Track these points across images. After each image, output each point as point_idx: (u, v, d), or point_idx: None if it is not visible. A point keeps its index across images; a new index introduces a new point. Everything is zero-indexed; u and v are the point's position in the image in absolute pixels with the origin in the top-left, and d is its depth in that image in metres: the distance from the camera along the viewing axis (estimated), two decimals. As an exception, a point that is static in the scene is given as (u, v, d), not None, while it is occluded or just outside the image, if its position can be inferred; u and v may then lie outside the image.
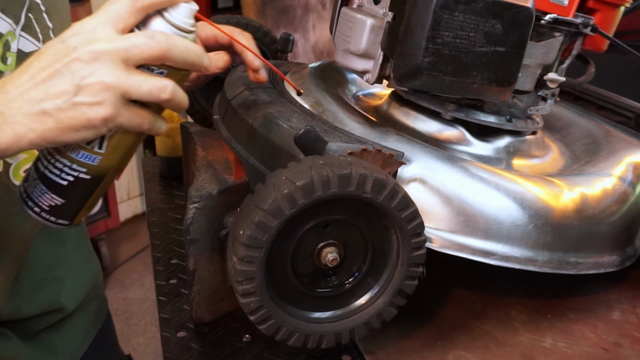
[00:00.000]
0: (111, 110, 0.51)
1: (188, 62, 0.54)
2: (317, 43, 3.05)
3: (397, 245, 0.71)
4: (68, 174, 0.57)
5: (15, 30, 0.67)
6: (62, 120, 0.50)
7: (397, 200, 0.67)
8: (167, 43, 0.52)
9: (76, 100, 0.50)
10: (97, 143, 0.56)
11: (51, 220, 0.60)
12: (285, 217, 0.63)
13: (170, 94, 0.53)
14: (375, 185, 0.65)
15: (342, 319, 0.73)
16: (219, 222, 0.84)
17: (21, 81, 0.50)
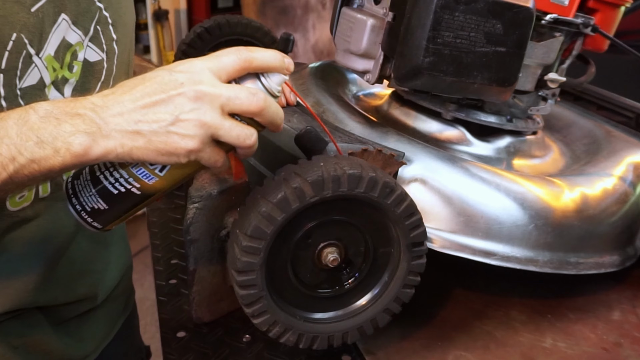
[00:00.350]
0: (198, 145, 0.55)
1: (273, 122, 0.60)
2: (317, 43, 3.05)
3: (397, 251, 0.70)
4: (122, 184, 0.60)
5: (84, 41, 0.71)
6: (152, 142, 0.55)
7: (404, 206, 0.67)
8: (265, 103, 0.57)
9: (171, 129, 0.55)
10: (160, 166, 0.60)
11: (88, 221, 0.62)
12: (292, 211, 0.63)
13: (253, 142, 0.59)
14: (383, 190, 0.65)
15: (336, 322, 0.72)
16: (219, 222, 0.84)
17: (123, 99, 0.55)
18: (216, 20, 1.15)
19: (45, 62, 0.66)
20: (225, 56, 0.57)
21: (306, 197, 0.62)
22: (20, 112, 0.54)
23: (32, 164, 0.53)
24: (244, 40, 1.18)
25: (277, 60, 0.59)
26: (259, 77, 0.60)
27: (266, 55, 0.59)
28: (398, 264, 0.71)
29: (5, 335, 0.76)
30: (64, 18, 0.67)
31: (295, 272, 0.70)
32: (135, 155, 0.55)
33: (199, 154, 0.56)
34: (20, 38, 0.62)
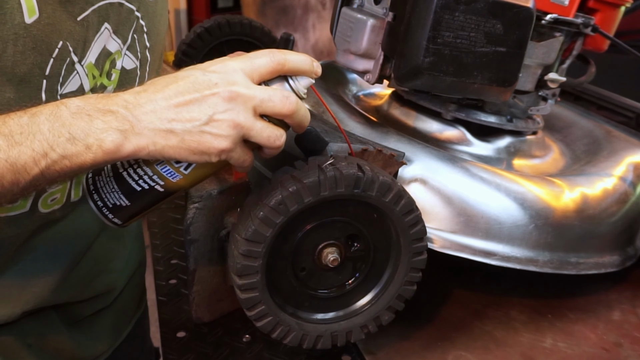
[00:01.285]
0: (230, 145, 0.56)
1: (301, 124, 0.61)
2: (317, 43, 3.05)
3: (398, 249, 0.70)
4: (146, 182, 0.60)
5: (122, 49, 0.73)
6: (185, 141, 0.55)
7: (402, 204, 0.67)
8: (296, 106, 0.59)
9: (205, 129, 0.55)
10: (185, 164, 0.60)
11: (108, 217, 0.63)
12: (290, 214, 0.63)
13: (282, 143, 0.60)
14: (381, 188, 0.65)
15: (339, 321, 0.72)
16: (219, 222, 0.84)
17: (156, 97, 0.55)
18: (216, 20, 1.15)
19: (86, 70, 0.67)
20: (258, 58, 0.58)
21: (304, 199, 0.62)
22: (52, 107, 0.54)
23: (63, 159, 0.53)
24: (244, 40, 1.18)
25: (307, 64, 0.61)
26: (287, 80, 0.61)
27: (298, 59, 0.60)
28: (399, 261, 0.71)
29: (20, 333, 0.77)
30: (106, 27, 0.68)
31: (295, 273, 0.70)
32: (168, 153, 0.55)
33: (230, 153, 0.57)
34: (65, 46, 0.63)
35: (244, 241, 0.63)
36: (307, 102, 0.94)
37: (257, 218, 0.62)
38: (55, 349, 0.82)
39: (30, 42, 0.60)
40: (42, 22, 0.60)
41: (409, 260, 0.70)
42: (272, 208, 0.62)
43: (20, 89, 0.61)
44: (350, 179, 0.63)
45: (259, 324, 0.68)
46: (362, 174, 0.64)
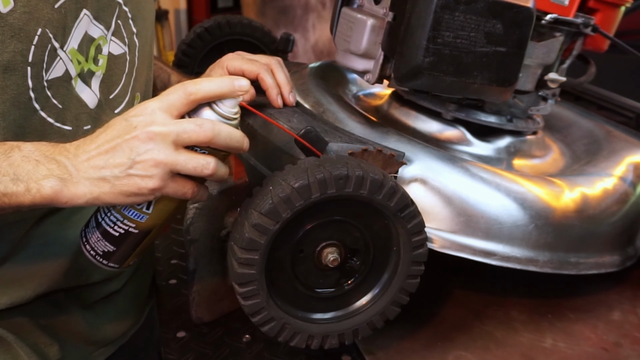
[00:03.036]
0: (159, 183, 0.60)
1: (230, 146, 0.63)
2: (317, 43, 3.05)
3: (398, 244, 0.70)
4: (120, 227, 0.65)
5: (106, 35, 0.75)
6: (116, 186, 0.60)
7: (396, 199, 0.66)
8: (213, 131, 0.60)
9: (131, 172, 0.59)
10: (146, 205, 0.64)
11: (104, 264, 0.68)
12: (283, 220, 0.63)
13: (212, 170, 0.62)
14: (373, 185, 0.65)
15: (345, 319, 0.72)
16: (219, 222, 0.84)
17: (90, 148, 0.60)
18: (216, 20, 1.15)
19: (69, 55, 0.70)
20: (172, 94, 0.61)
21: (295, 203, 0.62)
22: (6, 147, 0.60)
23: (3, 196, 0.59)
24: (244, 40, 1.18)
25: (224, 87, 0.62)
26: (210, 106, 0.62)
27: (211, 85, 0.62)
28: (400, 257, 0.71)
29: (33, 315, 0.79)
30: (85, 13, 0.71)
31: (296, 275, 0.70)
32: (104, 199, 0.60)
33: (164, 190, 0.61)
34: (45, 33, 0.66)
35: (240, 250, 0.63)
36: (306, 102, 0.94)
37: (250, 226, 0.62)
38: (70, 331, 0.83)
39: (9, 30, 0.62)
40: (17, 10, 0.62)
41: (410, 254, 0.70)
42: (264, 215, 0.62)
43: (7, 77, 0.64)
44: (340, 179, 0.63)
45: (264, 329, 0.68)
46: (351, 173, 0.63)
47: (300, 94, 0.96)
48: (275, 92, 0.85)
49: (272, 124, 0.80)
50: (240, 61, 0.87)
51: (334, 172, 0.63)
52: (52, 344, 0.79)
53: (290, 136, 0.73)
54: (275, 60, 0.88)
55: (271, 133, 0.80)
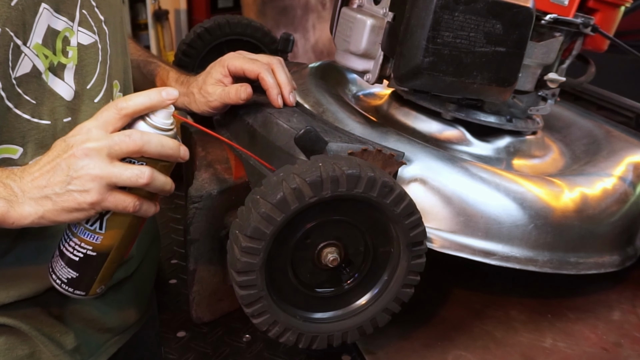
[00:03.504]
0: (97, 196, 0.63)
1: (163, 154, 0.65)
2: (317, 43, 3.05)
3: (397, 251, 0.70)
4: (79, 251, 0.68)
5: (72, 26, 0.75)
6: (58, 203, 0.63)
7: (403, 205, 0.66)
8: (141, 140, 0.63)
9: (69, 187, 0.63)
10: (98, 224, 0.67)
11: (69, 291, 0.70)
12: (291, 212, 0.63)
13: (147, 179, 0.64)
14: (382, 189, 0.65)
15: (336, 321, 0.72)
16: (219, 222, 0.84)
17: (33, 170, 0.64)
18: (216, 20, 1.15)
19: (34, 51, 0.70)
20: (105, 111, 0.65)
21: (305, 197, 0.62)
22: None
23: None
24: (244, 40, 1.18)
25: (153, 99, 0.65)
26: (143, 118, 0.65)
27: (140, 99, 0.65)
28: (398, 264, 0.71)
29: (45, 305, 0.80)
30: (45, 7, 0.71)
31: (295, 272, 0.70)
32: (48, 217, 0.64)
33: (103, 203, 0.64)
34: (5, 32, 0.66)
35: (244, 237, 0.63)
36: (306, 102, 0.94)
37: (258, 215, 0.62)
38: (84, 319, 0.84)
39: None
40: None
41: (408, 263, 0.70)
42: (273, 205, 0.62)
43: None
44: (352, 179, 0.63)
45: (256, 321, 0.67)
46: (363, 175, 0.64)
47: (300, 94, 0.96)
48: (275, 92, 0.85)
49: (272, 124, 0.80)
50: (240, 60, 0.87)
51: (347, 170, 0.63)
52: (68, 332, 0.80)
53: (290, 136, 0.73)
54: (276, 60, 0.88)
55: (271, 132, 0.80)
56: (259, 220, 0.62)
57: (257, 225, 0.62)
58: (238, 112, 0.88)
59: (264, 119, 0.82)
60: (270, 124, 0.80)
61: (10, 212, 0.63)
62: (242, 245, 0.63)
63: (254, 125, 0.83)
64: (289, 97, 0.86)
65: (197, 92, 0.90)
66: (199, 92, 0.90)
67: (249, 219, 0.63)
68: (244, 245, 0.63)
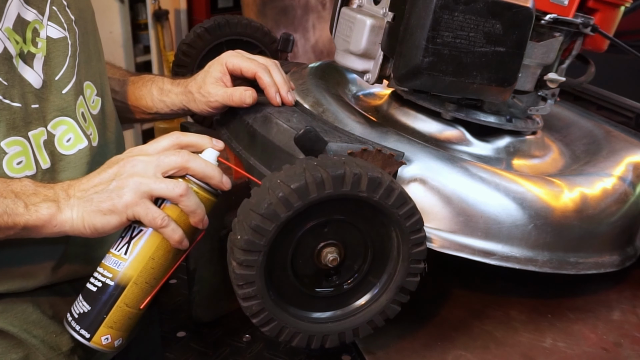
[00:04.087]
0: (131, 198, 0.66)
1: (206, 175, 0.70)
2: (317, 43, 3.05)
3: (397, 242, 0.70)
4: (98, 279, 0.69)
5: (42, 20, 0.78)
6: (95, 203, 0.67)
7: (394, 197, 0.66)
8: (188, 157, 0.69)
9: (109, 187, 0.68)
10: (124, 249, 0.69)
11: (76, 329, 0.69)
12: (281, 221, 0.63)
13: (183, 190, 0.68)
14: (370, 184, 0.65)
15: (345, 319, 0.72)
16: (219, 222, 0.84)
17: (86, 187, 0.69)
18: (216, 20, 1.15)
19: (6, 34, 0.73)
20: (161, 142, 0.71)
21: (293, 204, 0.62)
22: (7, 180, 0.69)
23: (3, 215, 0.66)
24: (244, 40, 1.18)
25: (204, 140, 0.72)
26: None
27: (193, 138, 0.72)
28: (399, 256, 0.71)
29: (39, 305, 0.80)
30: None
31: (295, 272, 0.70)
32: (87, 220, 0.67)
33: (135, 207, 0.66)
34: None
35: (239, 251, 0.63)
36: (306, 102, 0.94)
37: (249, 228, 0.62)
38: None
39: None
40: None
41: (409, 252, 0.70)
42: (262, 216, 0.62)
43: None
44: (337, 179, 0.63)
45: (265, 329, 0.68)
46: (348, 173, 0.63)
47: (300, 94, 0.96)
48: (273, 90, 0.85)
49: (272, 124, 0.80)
50: (238, 59, 0.88)
51: (331, 171, 0.63)
52: (63, 333, 0.80)
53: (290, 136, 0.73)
54: (272, 62, 0.89)
55: (271, 132, 0.80)
56: (252, 232, 0.62)
57: (249, 238, 0.62)
58: (238, 112, 0.88)
59: (264, 118, 0.82)
60: (270, 124, 0.80)
61: (58, 216, 0.66)
62: (239, 258, 0.63)
63: (254, 125, 0.83)
64: (287, 96, 0.86)
65: (197, 91, 0.90)
66: (198, 92, 0.90)
67: (242, 232, 0.63)
68: (240, 258, 0.63)
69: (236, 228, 0.65)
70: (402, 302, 0.73)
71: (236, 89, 0.86)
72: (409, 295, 0.73)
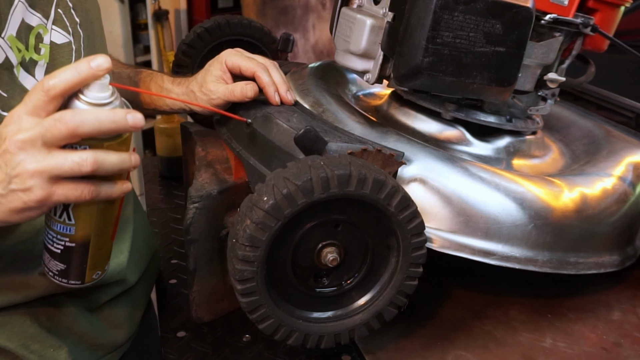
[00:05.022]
0: (42, 193, 0.56)
1: (103, 130, 0.57)
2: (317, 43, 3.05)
3: (397, 245, 0.70)
4: (58, 243, 0.63)
5: (46, 24, 0.73)
6: (4, 204, 0.57)
7: (397, 200, 0.67)
8: (73, 121, 0.55)
9: (11, 187, 0.56)
10: (65, 215, 0.61)
11: (64, 282, 0.66)
12: (285, 217, 0.63)
13: (91, 165, 0.56)
14: (374, 185, 0.65)
15: (342, 319, 0.73)
16: (219, 222, 0.84)
17: None
18: (216, 21, 1.15)
19: (8, 42, 0.68)
20: (33, 94, 0.57)
21: (297, 202, 0.62)
22: None
23: None
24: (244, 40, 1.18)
25: (82, 72, 0.56)
26: (77, 96, 0.57)
27: (67, 74, 0.56)
28: (399, 258, 0.71)
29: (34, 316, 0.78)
30: (20, 1, 0.70)
31: (295, 272, 0.70)
32: (6, 219, 0.58)
33: (52, 198, 0.57)
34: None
35: (240, 246, 0.63)
36: (306, 102, 0.94)
37: (252, 223, 0.62)
38: (77, 333, 0.83)
39: None
40: None
41: (409, 256, 0.70)
42: (266, 212, 0.62)
43: None
44: (342, 178, 0.63)
45: (261, 326, 0.68)
46: (354, 173, 0.64)
47: (300, 94, 0.96)
48: (272, 90, 0.84)
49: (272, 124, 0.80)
50: (237, 57, 0.87)
51: (337, 171, 0.63)
52: (61, 347, 0.79)
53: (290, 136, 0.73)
54: (270, 62, 0.88)
55: (271, 132, 0.80)
56: (254, 228, 0.62)
57: (252, 233, 0.62)
58: (238, 112, 0.88)
59: (264, 118, 0.82)
60: (270, 124, 0.80)
61: None
62: (240, 254, 0.63)
63: (254, 125, 0.83)
64: (286, 95, 0.85)
65: (198, 90, 0.89)
66: (199, 91, 0.89)
67: (244, 228, 0.63)
68: (241, 254, 0.63)
69: (238, 223, 0.65)
70: (399, 305, 0.73)
71: (237, 84, 0.85)
72: (407, 299, 0.73)
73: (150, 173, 1.40)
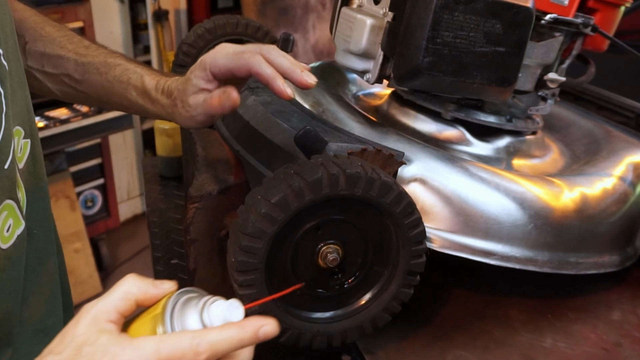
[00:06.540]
0: None
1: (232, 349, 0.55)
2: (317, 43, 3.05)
3: (397, 251, 0.70)
4: None
5: None
6: None
7: (403, 205, 0.67)
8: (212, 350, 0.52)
9: None
10: None
11: None
12: (291, 211, 0.63)
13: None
14: (382, 189, 0.65)
15: (336, 321, 0.72)
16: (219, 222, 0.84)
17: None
18: (216, 21, 1.15)
19: None
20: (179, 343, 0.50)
21: (305, 197, 0.62)
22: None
23: None
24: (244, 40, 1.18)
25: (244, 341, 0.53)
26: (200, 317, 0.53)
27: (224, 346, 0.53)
28: (397, 263, 0.71)
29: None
30: None
31: (295, 272, 0.70)
32: None
33: None
34: None
35: (244, 236, 0.63)
36: (306, 102, 0.94)
37: (258, 214, 0.62)
38: None
39: None
40: None
41: (407, 263, 0.70)
42: (273, 204, 0.62)
43: None
44: (352, 178, 0.63)
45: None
46: (363, 174, 0.64)
47: (300, 94, 0.96)
48: (279, 82, 0.68)
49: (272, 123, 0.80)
50: (224, 59, 0.71)
51: (347, 170, 0.63)
52: None
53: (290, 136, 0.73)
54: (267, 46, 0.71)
55: (271, 132, 0.80)
56: (260, 219, 0.62)
57: (257, 224, 0.62)
58: (238, 111, 0.88)
59: (264, 118, 0.82)
60: (269, 124, 0.80)
61: None
62: (243, 244, 0.63)
63: (254, 125, 0.83)
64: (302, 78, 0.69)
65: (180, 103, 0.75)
66: (181, 105, 0.74)
67: (250, 218, 0.63)
68: (245, 244, 0.63)
69: (243, 214, 0.64)
70: (394, 311, 0.73)
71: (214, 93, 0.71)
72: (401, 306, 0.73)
73: (150, 173, 1.40)
